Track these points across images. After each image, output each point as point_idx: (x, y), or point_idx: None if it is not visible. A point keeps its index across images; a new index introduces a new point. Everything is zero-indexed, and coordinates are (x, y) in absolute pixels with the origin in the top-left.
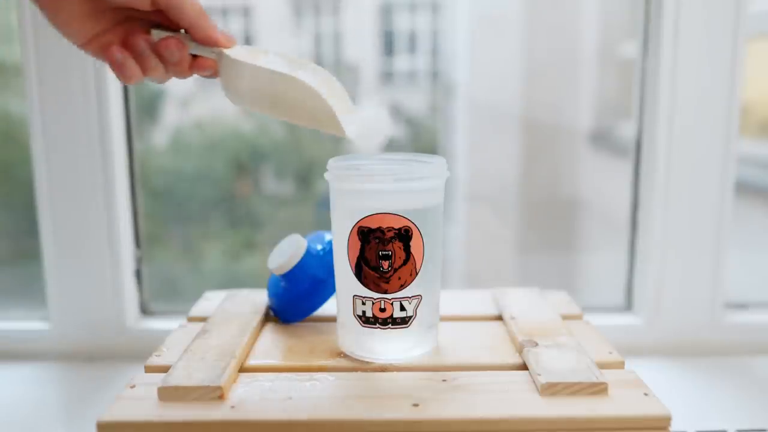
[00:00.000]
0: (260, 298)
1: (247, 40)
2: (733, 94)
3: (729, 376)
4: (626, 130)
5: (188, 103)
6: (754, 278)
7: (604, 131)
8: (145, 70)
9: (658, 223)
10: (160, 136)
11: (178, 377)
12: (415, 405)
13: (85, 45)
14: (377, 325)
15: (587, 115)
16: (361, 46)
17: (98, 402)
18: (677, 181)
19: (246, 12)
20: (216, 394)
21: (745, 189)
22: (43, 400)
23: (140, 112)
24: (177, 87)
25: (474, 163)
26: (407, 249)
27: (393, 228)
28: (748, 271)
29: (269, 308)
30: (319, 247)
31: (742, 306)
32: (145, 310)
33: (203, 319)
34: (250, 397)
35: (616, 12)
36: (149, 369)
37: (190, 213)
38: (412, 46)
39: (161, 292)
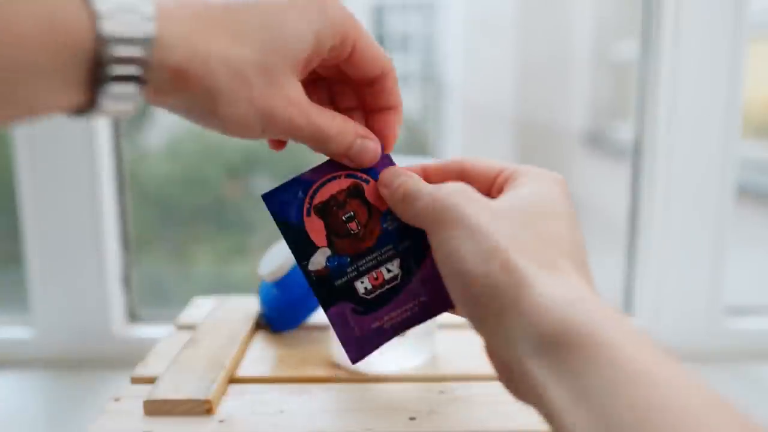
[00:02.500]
0: (250, 304)
1: None
2: (733, 97)
3: (729, 382)
4: (620, 132)
5: None
6: (753, 283)
7: (598, 133)
8: None
9: (657, 228)
10: (150, 138)
11: (164, 390)
12: (412, 418)
13: None
14: None
15: (581, 117)
16: None
17: (83, 412)
18: (677, 186)
19: None
20: (204, 407)
21: (744, 191)
22: (25, 409)
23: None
24: None
25: None
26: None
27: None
28: (748, 276)
29: (260, 316)
30: None
31: (742, 312)
32: (132, 315)
33: (192, 327)
34: (240, 410)
35: (610, 14)
36: (135, 380)
37: (180, 217)
38: (404, 47)
39: (150, 297)
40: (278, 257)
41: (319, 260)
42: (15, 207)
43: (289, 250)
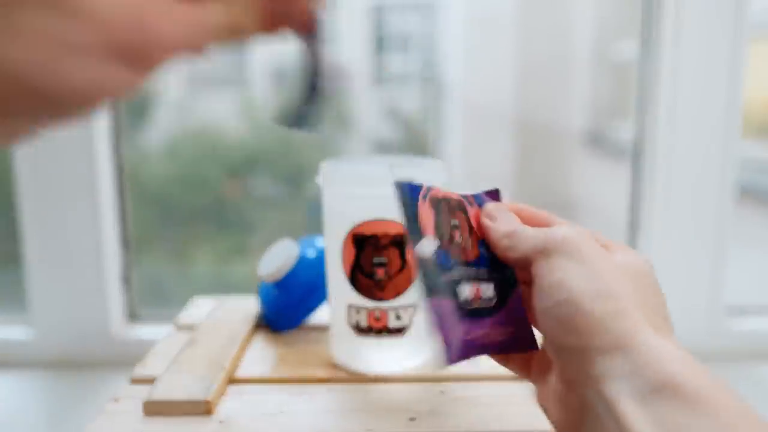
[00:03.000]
0: (250, 304)
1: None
2: (733, 97)
3: (730, 383)
4: (620, 132)
5: (181, 106)
6: (754, 284)
7: (598, 133)
8: None
9: (657, 228)
10: (150, 138)
11: (164, 390)
12: (412, 419)
13: None
14: (372, 334)
15: (581, 117)
16: (353, 46)
17: (82, 412)
18: (677, 186)
19: None
20: (204, 408)
21: (745, 192)
22: (25, 410)
23: (131, 116)
24: (170, 91)
25: (468, 165)
26: (403, 256)
27: (388, 234)
28: (749, 277)
29: (260, 316)
30: (312, 252)
31: (742, 312)
32: (132, 315)
33: (191, 327)
34: (240, 411)
35: (610, 13)
36: (135, 381)
37: (180, 217)
38: (404, 47)
39: (149, 297)
40: (278, 258)
41: (428, 247)
42: (15, 207)
43: (289, 251)
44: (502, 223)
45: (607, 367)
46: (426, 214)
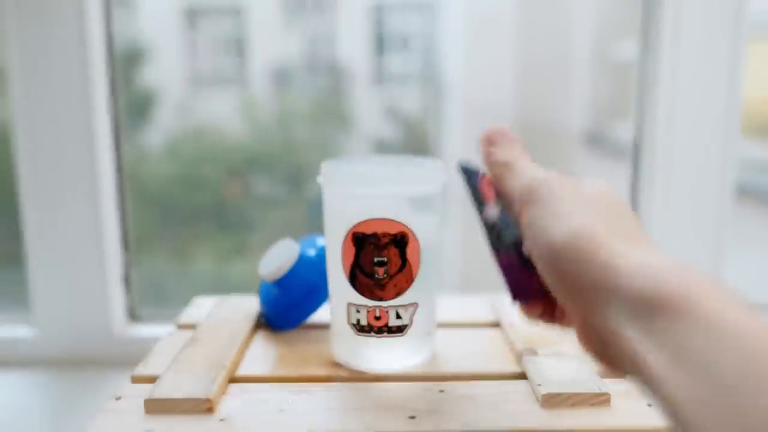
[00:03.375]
0: (251, 304)
1: (239, 42)
2: (733, 97)
3: None
4: (620, 132)
5: (183, 107)
6: (753, 283)
7: (598, 133)
8: None
9: (657, 228)
10: (150, 138)
11: (165, 389)
12: (412, 417)
13: None
14: (372, 333)
15: (581, 117)
16: (354, 46)
17: (84, 411)
18: (677, 185)
19: (237, 12)
20: (205, 406)
21: (744, 191)
22: (26, 408)
23: (131, 115)
24: (171, 90)
25: None
26: (403, 255)
27: (388, 233)
28: (748, 277)
29: (260, 315)
30: (312, 251)
31: None
32: (133, 315)
33: (192, 326)
34: (241, 409)
35: (610, 13)
36: (136, 379)
37: (180, 217)
38: (404, 47)
39: (150, 297)
40: (278, 257)
41: (492, 212)
42: (16, 207)
43: (289, 250)
44: (503, 150)
45: (601, 298)
46: (487, 187)
